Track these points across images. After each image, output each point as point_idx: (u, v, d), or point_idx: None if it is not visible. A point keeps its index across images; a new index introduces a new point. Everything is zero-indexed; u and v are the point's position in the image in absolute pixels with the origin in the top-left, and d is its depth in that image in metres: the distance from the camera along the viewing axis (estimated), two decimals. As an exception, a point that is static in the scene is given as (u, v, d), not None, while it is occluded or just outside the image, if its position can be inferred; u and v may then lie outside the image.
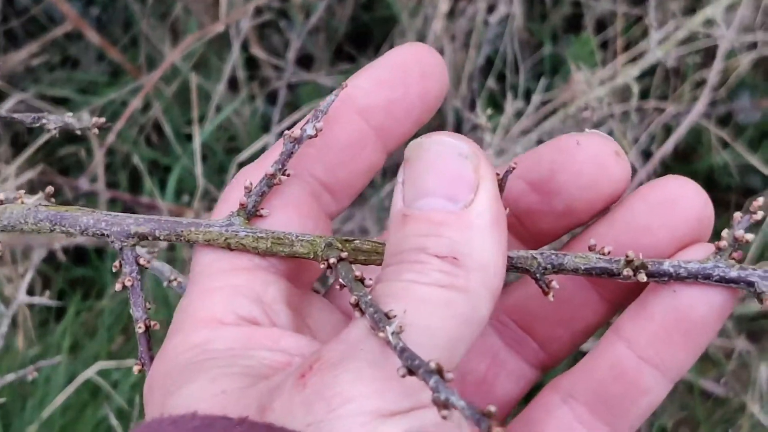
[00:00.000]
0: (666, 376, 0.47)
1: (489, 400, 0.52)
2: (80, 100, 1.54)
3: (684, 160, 1.64)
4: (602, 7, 1.55)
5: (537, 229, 0.50)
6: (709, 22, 1.19)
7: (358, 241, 0.47)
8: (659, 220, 0.47)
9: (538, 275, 0.47)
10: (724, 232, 0.45)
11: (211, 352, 0.42)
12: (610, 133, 1.38)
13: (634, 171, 1.36)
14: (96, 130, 0.54)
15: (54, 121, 0.54)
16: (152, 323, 0.48)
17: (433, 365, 0.34)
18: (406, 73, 0.48)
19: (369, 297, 0.40)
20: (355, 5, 1.60)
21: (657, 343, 0.46)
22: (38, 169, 1.36)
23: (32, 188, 1.42)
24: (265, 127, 1.53)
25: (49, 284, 1.47)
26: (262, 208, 0.48)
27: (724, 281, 0.45)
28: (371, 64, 0.49)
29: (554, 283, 0.46)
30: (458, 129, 1.47)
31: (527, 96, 1.42)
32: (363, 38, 1.66)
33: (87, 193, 1.42)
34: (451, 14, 1.48)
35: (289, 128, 0.48)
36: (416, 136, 0.44)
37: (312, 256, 0.46)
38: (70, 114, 0.54)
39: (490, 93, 1.50)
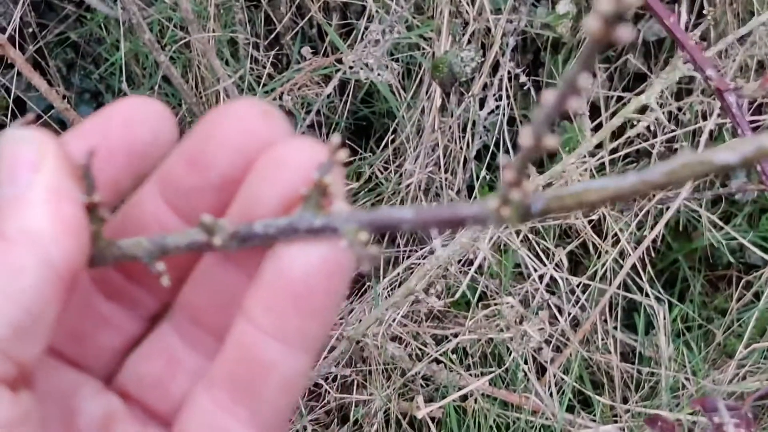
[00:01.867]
0: (292, 347, 0.44)
1: (166, 401, 0.49)
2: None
3: (685, 237, 1.66)
4: (593, 92, 1.58)
5: (205, 210, 0.45)
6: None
7: None
8: (267, 188, 0.43)
9: (147, 260, 0.44)
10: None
11: None
12: (602, 219, 1.41)
13: (625, 255, 1.38)
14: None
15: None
16: None
17: None
18: (105, 123, 0.46)
19: None
20: (353, 100, 1.64)
21: (269, 312, 0.43)
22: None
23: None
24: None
25: None
26: None
27: (313, 232, 0.41)
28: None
29: (159, 266, 0.44)
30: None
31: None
32: (363, 131, 1.70)
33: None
34: (445, 108, 1.52)
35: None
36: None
37: None
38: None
39: (488, 181, 1.54)
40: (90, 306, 0.50)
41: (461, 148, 1.53)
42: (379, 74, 1.27)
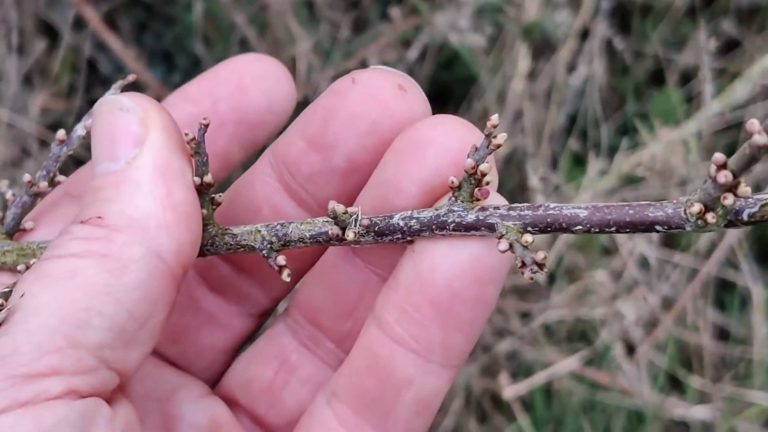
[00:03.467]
0: (429, 360, 0.38)
1: (278, 411, 0.44)
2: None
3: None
4: (685, 60, 1.51)
5: (325, 197, 0.41)
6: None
7: None
8: (407, 173, 0.37)
9: (265, 252, 0.39)
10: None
11: None
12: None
13: (720, 231, 1.32)
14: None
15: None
16: None
17: None
18: (215, 86, 0.43)
19: (6, 289, 0.35)
20: (434, 66, 1.59)
21: (406, 321, 0.37)
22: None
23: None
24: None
25: None
26: (28, 222, 0.43)
27: (463, 228, 0.36)
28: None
29: (280, 259, 0.39)
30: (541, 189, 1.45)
31: (612, 154, 1.39)
32: (443, 98, 1.65)
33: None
34: (531, 74, 1.47)
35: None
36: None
37: None
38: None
39: (572, 152, 1.48)
40: (192, 299, 0.46)
41: (547, 116, 1.47)
42: (474, 35, 1.22)
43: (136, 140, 0.36)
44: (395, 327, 0.38)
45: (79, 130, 0.43)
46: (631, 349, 1.38)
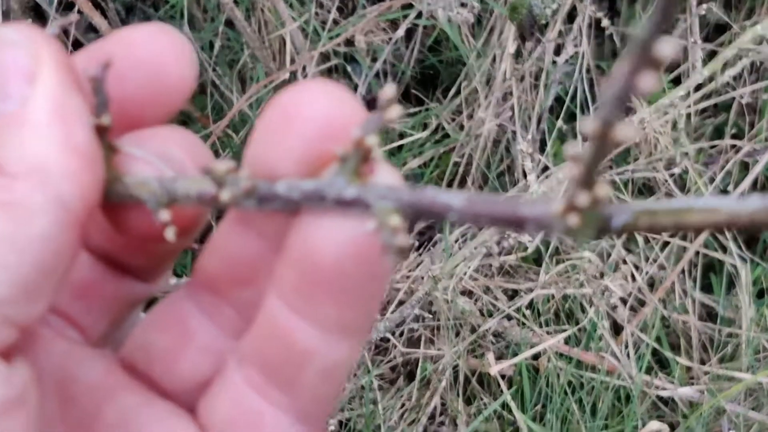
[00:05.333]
0: (331, 335, 0.36)
1: (171, 377, 0.41)
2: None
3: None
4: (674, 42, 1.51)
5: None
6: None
7: None
8: (278, 151, 0.34)
9: (152, 206, 0.36)
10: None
11: None
12: (685, 173, 1.35)
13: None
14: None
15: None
16: None
17: None
18: (102, 47, 0.38)
19: None
20: (421, 48, 1.59)
21: (300, 295, 0.35)
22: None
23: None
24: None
25: None
26: None
27: (342, 204, 0.33)
28: None
29: (164, 214, 0.36)
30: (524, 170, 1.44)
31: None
32: (430, 80, 1.65)
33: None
34: (519, 55, 1.46)
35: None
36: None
37: None
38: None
39: (560, 133, 1.48)
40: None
41: (535, 98, 1.47)
42: (458, 13, 1.21)
43: (28, 76, 0.33)
44: (293, 300, 0.36)
45: None
46: (618, 331, 1.38)
